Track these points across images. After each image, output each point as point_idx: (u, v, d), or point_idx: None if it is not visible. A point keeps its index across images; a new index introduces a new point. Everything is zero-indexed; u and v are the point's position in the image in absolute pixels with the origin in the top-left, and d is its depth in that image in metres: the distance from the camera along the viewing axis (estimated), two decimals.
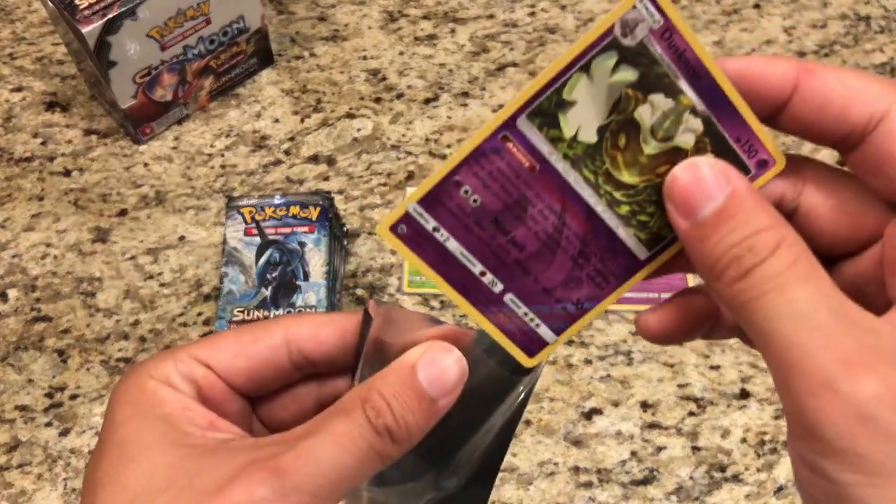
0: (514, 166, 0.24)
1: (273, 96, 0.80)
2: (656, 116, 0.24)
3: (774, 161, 0.26)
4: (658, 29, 0.23)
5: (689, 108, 0.24)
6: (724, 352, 0.64)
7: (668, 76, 0.24)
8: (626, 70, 0.23)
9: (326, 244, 0.62)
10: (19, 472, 0.60)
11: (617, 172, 0.25)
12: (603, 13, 0.86)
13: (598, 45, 0.23)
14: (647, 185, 0.25)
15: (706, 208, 0.23)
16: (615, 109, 0.24)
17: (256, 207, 0.64)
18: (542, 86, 0.23)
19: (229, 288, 0.61)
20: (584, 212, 0.25)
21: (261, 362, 0.27)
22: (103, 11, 0.65)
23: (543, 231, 0.25)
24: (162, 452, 0.23)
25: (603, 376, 0.63)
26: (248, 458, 0.23)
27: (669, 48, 0.23)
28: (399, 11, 0.87)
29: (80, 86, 0.81)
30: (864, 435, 0.20)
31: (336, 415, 0.24)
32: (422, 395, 0.24)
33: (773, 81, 0.24)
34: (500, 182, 0.24)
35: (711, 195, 0.23)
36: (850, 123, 0.23)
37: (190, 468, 0.23)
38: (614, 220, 0.25)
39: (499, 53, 0.83)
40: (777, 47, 0.83)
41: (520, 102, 0.24)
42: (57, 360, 0.65)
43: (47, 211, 0.73)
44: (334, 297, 0.62)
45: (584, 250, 0.25)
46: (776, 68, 0.24)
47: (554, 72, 0.23)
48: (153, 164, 0.76)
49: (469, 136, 0.24)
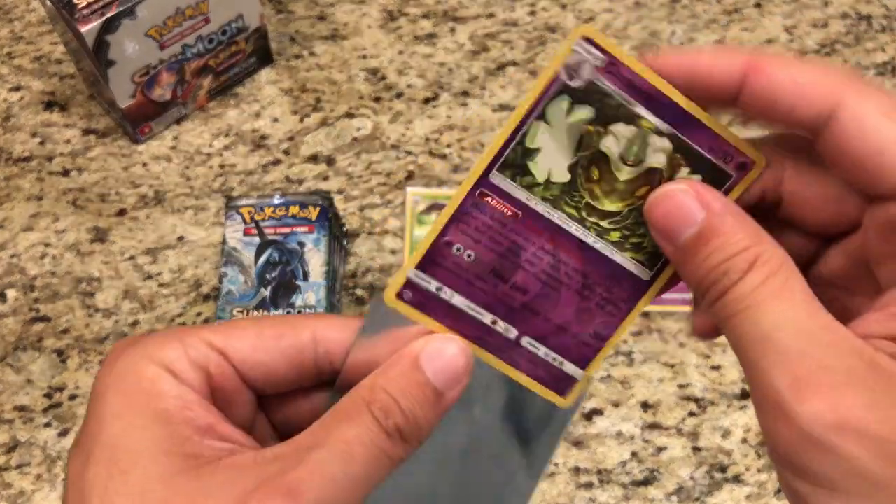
0: (497, 217, 0.25)
1: (272, 96, 0.80)
2: (622, 144, 0.25)
3: (754, 162, 0.26)
4: (603, 66, 0.24)
5: (653, 130, 0.25)
6: (724, 352, 0.64)
7: (624, 105, 0.24)
8: (581, 109, 0.24)
9: (326, 244, 0.62)
10: (18, 472, 0.60)
11: (598, 203, 0.25)
12: (603, 12, 0.86)
13: (548, 93, 0.24)
14: (630, 208, 0.26)
15: (685, 234, 0.23)
16: (580, 147, 0.25)
17: (256, 207, 0.63)
18: (503, 141, 0.25)
19: (228, 288, 0.61)
20: (577, 246, 0.26)
21: (284, 360, 0.25)
22: (102, 11, 0.65)
23: (542, 271, 0.26)
24: (155, 462, 0.21)
25: (603, 377, 0.63)
26: (256, 478, 0.21)
27: (618, 80, 0.24)
28: (399, 10, 0.86)
29: (79, 85, 0.81)
30: (814, 454, 0.20)
31: (342, 420, 0.23)
32: (430, 388, 0.23)
33: (719, 79, 0.24)
34: (488, 235, 0.25)
35: (688, 221, 0.23)
36: (799, 120, 0.23)
37: (189, 488, 0.21)
38: (608, 248, 0.26)
39: (499, 52, 0.83)
40: (778, 46, 0.83)
41: (487, 161, 0.25)
42: (56, 361, 0.65)
43: (46, 211, 0.73)
44: (334, 298, 0.62)
45: (587, 282, 0.26)
46: (723, 65, 0.24)
47: (512, 127, 0.24)
48: (152, 164, 0.75)
49: (450, 198, 0.24)
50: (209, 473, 0.21)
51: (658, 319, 0.66)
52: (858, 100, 0.22)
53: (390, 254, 0.70)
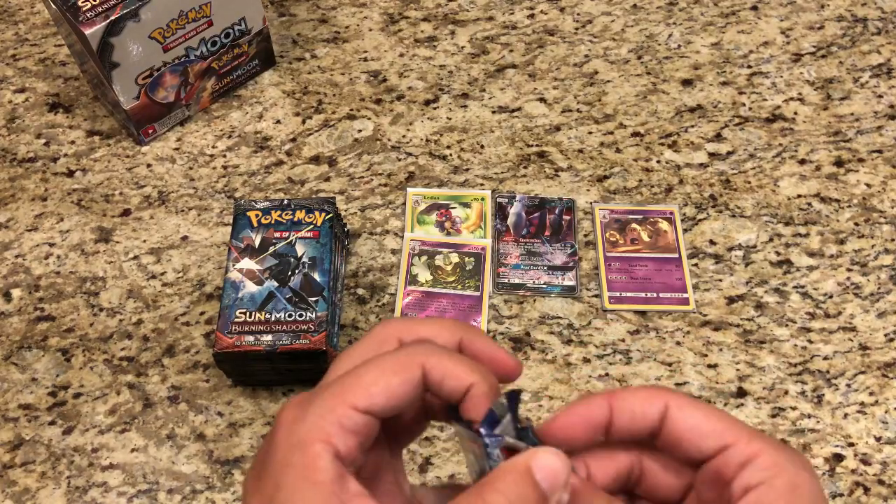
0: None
1: (275, 97, 0.81)
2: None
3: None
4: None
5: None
6: (721, 350, 0.65)
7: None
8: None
9: (330, 249, 0.63)
10: (23, 470, 0.61)
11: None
12: (601, 15, 0.87)
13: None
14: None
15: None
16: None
17: (262, 211, 0.64)
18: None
19: (232, 288, 0.61)
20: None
21: (408, 399, 0.29)
22: (106, 13, 0.66)
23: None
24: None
25: (601, 375, 0.64)
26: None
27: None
28: (399, 13, 0.87)
29: (83, 87, 0.82)
30: None
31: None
32: (539, 493, 0.26)
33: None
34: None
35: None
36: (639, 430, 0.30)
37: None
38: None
39: (498, 55, 0.84)
40: (774, 49, 0.83)
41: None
42: (60, 359, 0.66)
43: (50, 211, 0.74)
44: (335, 297, 0.63)
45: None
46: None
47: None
48: (156, 165, 0.76)
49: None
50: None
51: (655, 318, 0.67)
52: (680, 404, 0.29)
53: (391, 254, 0.70)
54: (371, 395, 0.28)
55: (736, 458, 0.28)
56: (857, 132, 0.78)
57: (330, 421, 0.27)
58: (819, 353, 0.65)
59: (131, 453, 0.61)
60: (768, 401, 0.63)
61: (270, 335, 0.59)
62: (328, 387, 0.28)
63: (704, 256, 0.70)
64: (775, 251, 0.70)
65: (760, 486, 0.27)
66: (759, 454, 0.28)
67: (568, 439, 0.30)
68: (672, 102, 0.80)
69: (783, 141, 0.77)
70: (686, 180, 0.74)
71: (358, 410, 0.28)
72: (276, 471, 0.27)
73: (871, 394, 0.63)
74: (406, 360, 0.29)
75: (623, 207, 0.72)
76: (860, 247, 0.70)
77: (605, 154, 0.76)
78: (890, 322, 0.66)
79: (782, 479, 0.27)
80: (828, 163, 0.75)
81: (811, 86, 0.81)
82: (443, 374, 0.29)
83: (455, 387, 0.29)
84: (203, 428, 0.62)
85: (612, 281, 0.69)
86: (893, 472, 0.60)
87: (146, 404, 0.63)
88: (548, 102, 0.80)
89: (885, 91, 0.80)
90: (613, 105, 0.80)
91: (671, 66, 0.82)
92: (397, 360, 0.29)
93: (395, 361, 0.29)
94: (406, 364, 0.29)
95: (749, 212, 0.72)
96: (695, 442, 0.29)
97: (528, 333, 0.66)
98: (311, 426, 0.27)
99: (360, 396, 0.28)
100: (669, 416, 0.29)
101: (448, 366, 0.29)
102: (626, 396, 0.30)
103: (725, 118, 0.79)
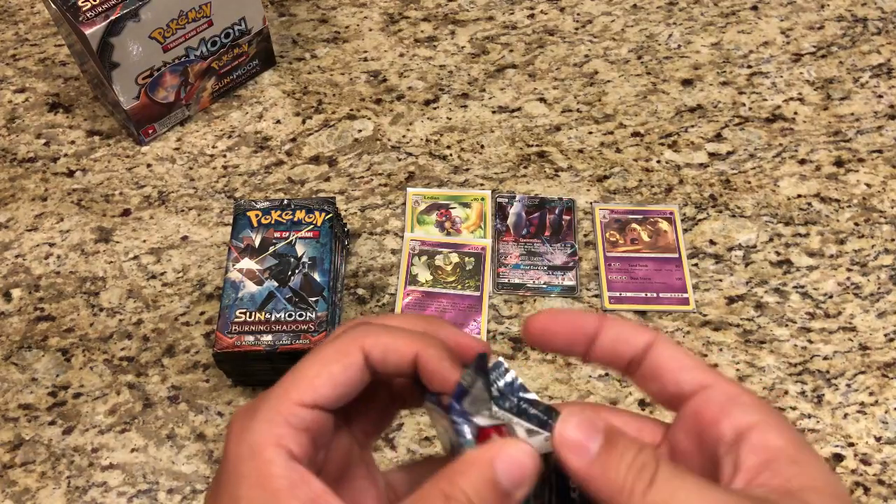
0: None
1: (275, 97, 0.81)
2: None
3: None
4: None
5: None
6: (721, 351, 0.65)
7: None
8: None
9: (330, 249, 0.63)
10: (23, 470, 0.61)
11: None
12: (601, 15, 0.87)
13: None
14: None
15: (594, 447, 0.26)
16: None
17: (262, 211, 0.64)
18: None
19: (232, 288, 0.61)
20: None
21: (352, 385, 0.28)
22: (106, 13, 0.66)
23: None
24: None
25: (601, 375, 0.64)
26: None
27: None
28: (399, 13, 0.87)
29: (83, 87, 0.82)
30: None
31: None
32: (501, 490, 0.26)
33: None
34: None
35: (594, 435, 0.26)
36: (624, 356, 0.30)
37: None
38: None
39: (498, 55, 0.84)
40: (774, 49, 0.83)
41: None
42: (60, 359, 0.66)
43: (51, 211, 0.74)
44: (335, 297, 0.63)
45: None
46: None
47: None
48: (156, 165, 0.76)
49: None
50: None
51: (655, 318, 0.67)
52: (667, 343, 0.29)
53: (391, 254, 0.70)
54: (315, 387, 0.27)
55: (717, 396, 0.27)
56: (857, 132, 0.78)
57: (278, 423, 0.27)
58: (819, 353, 0.65)
59: (131, 453, 0.61)
60: (768, 401, 0.63)
61: (270, 335, 0.59)
62: (272, 389, 0.28)
63: (704, 256, 0.70)
64: (775, 251, 0.70)
65: (758, 426, 0.26)
66: (741, 394, 0.27)
67: (547, 334, 0.29)
68: (672, 102, 0.80)
69: (783, 141, 0.77)
70: (686, 180, 0.74)
71: (305, 406, 0.27)
72: (231, 484, 0.26)
73: (871, 394, 0.63)
74: (343, 346, 0.28)
75: (623, 207, 0.73)
76: (860, 247, 0.71)
77: (605, 154, 0.76)
78: (890, 322, 0.66)
79: (775, 417, 0.26)
80: (828, 163, 0.75)
81: (811, 86, 0.81)
82: (383, 350, 0.28)
83: (399, 360, 0.28)
84: (203, 428, 0.62)
85: (612, 281, 0.69)
86: (893, 472, 0.60)
87: (146, 404, 0.63)
88: (548, 102, 0.80)
89: (885, 91, 0.80)
90: (613, 105, 0.80)
91: (671, 66, 0.82)
92: (335, 347, 0.28)
93: (333, 349, 0.28)
94: (344, 350, 0.28)
95: (749, 212, 0.72)
96: (675, 374, 0.28)
97: None
98: (259, 432, 0.27)
99: (305, 391, 0.27)
100: (654, 349, 0.29)
101: (386, 341, 0.28)
102: (617, 321, 0.30)
103: (725, 118, 0.79)
